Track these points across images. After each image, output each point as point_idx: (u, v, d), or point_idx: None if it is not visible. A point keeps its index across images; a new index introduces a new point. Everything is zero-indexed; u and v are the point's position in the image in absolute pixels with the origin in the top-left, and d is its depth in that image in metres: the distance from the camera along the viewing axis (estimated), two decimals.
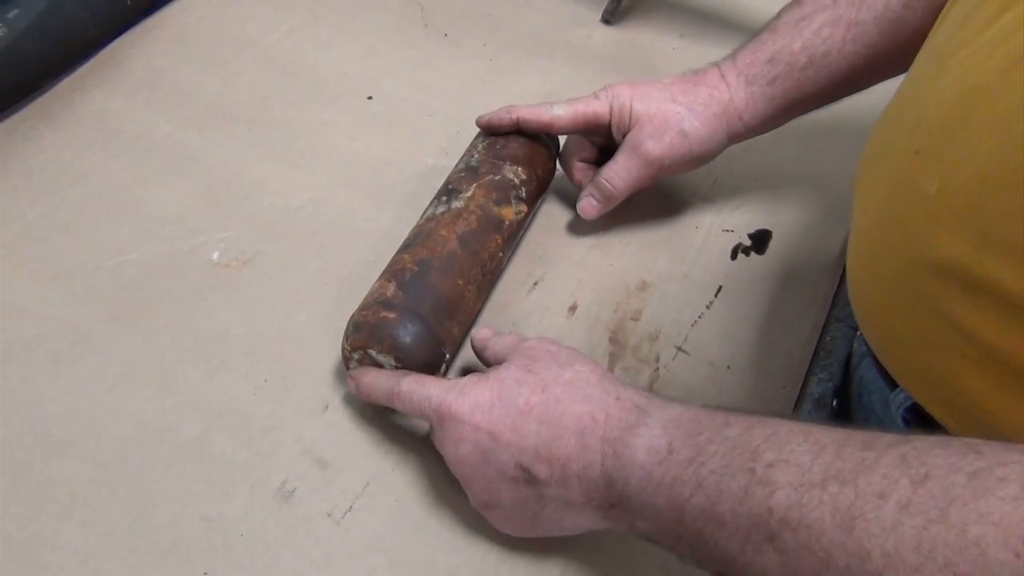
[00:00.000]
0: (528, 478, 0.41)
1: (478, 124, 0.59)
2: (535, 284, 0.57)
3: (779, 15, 0.56)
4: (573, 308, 0.56)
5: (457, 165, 0.57)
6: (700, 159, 0.57)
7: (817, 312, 0.57)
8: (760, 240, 0.61)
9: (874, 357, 0.47)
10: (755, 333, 0.56)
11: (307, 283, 0.56)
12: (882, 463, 0.30)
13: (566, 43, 0.76)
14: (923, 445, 0.30)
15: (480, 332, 0.50)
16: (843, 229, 0.62)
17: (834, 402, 0.52)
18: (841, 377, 0.54)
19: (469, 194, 0.53)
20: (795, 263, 0.59)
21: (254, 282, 0.56)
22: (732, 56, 0.57)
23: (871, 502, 0.29)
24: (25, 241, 0.57)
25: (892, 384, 0.46)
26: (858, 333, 0.56)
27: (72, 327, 0.53)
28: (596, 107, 0.56)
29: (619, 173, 0.56)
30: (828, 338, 0.56)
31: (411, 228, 0.54)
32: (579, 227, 0.61)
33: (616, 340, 0.55)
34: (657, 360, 0.54)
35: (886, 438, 0.31)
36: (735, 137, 0.57)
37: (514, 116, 0.57)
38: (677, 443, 0.37)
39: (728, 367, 0.54)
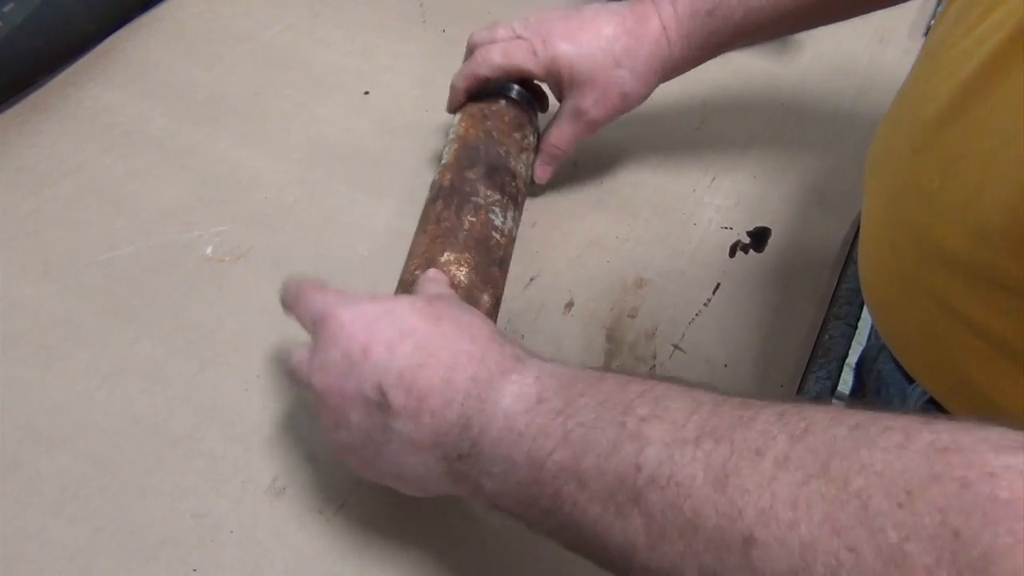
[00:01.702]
0: (382, 403, 0.37)
1: (448, 111, 0.61)
2: (531, 280, 0.57)
3: None
4: (569, 305, 0.56)
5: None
6: (631, 110, 0.58)
7: (816, 311, 0.56)
8: (759, 238, 0.60)
9: (891, 351, 0.47)
10: (753, 331, 0.55)
11: (301, 278, 0.56)
12: (759, 420, 0.29)
13: None
14: (803, 404, 0.29)
15: (432, 273, 0.47)
16: (842, 227, 0.61)
17: (833, 400, 0.52)
18: (839, 376, 0.53)
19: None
20: (794, 261, 0.59)
21: (248, 277, 0.56)
22: (671, 0, 0.55)
23: (747, 458, 0.27)
24: (18, 234, 0.57)
25: (909, 379, 0.45)
26: (872, 327, 0.56)
27: (64, 321, 0.53)
28: (530, 68, 0.56)
29: (565, 138, 0.58)
30: (827, 337, 0.55)
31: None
32: (575, 223, 0.61)
33: (613, 337, 0.54)
34: (654, 358, 0.53)
35: (763, 400, 0.30)
36: (663, 81, 0.58)
37: (459, 88, 0.58)
38: (548, 393, 0.35)
39: (725, 365, 0.53)
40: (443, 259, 0.48)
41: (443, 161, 0.56)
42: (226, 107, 0.67)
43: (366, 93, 0.69)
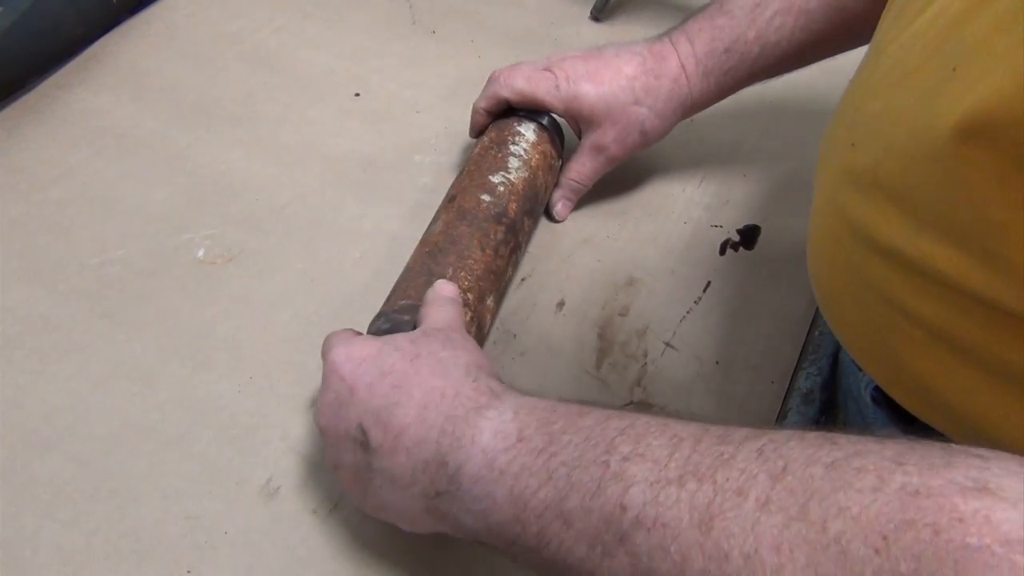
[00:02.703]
0: (363, 441, 0.38)
1: (471, 136, 0.61)
2: (522, 280, 0.57)
3: None
4: (561, 304, 0.56)
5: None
6: (652, 145, 0.59)
7: (805, 307, 0.57)
8: (749, 236, 0.61)
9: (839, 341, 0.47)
10: (743, 329, 0.55)
11: (293, 281, 0.56)
12: (739, 457, 0.29)
13: (554, 40, 0.76)
14: (779, 438, 0.29)
15: (445, 288, 0.47)
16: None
17: (823, 396, 0.52)
18: (830, 372, 0.54)
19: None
20: (784, 258, 0.59)
21: (239, 280, 0.56)
22: (688, 38, 0.56)
23: (730, 499, 0.28)
24: (8, 239, 0.57)
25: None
26: None
27: (56, 325, 0.53)
28: (550, 101, 0.57)
29: (586, 173, 0.59)
30: (816, 333, 0.55)
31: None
32: (566, 223, 0.61)
33: (604, 336, 0.54)
34: (645, 356, 0.53)
35: (742, 431, 0.30)
36: (682, 119, 0.59)
37: (479, 109, 0.59)
38: (528, 430, 0.35)
39: (717, 362, 0.53)
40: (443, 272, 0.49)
41: (463, 179, 0.56)
42: (216, 110, 0.67)
43: (356, 95, 0.69)
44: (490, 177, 0.54)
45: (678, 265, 0.59)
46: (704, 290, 0.57)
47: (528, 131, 0.58)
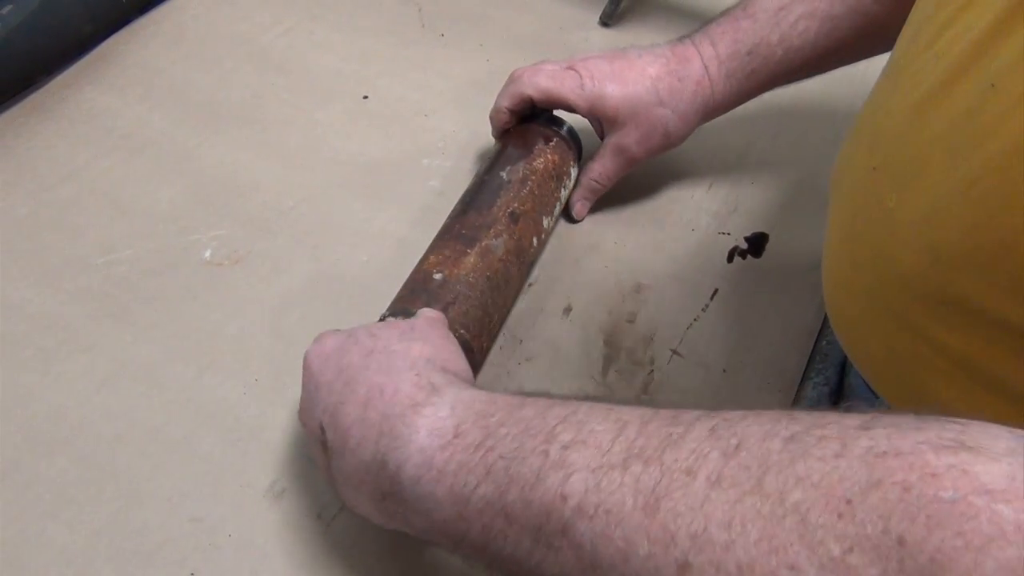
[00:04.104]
0: (323, 440, 0.38)
1: (495, 137, 0.61)
2: (529, 286, 0.57)
3: None
4: (568, 310, 0.56)
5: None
6: (674, 147, 0.59)
7: (813, 316, 0.57)
8: (756, 243, 0.61)
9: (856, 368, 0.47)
10: (751, 337, 0.55)
11: (300, 282, 0.56)
12: (690, 437, 0.27)
13: (563, 45, 0.75)
14: (733, 417, 0.28)
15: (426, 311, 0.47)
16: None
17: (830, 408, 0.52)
18: (837, 382, 0.54)
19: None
20: (791, 267, 0.59)
21: (246, 281, 0.56)
22: (711, 41, 0.56)
23: (678, 480, 0.26)
24: (16, 238, 0.57)
25: (876, 393, 0.46)
26: None
27: (62, 324, 0.52)
28: (574, 100, 0.56)
29: (607, 174, 0.59)
30: (824, 342, 0.55)
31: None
32: (574, 229, 0.61)
33: (611, 342, 0.54)
34: (652, 363, 0.53)
35: (694, 412, 0.29)
36: (705, 122, 0.59)
37: (502, 108, 0.59)
38: (466, 425, 0.34)
39: (724, 371, 0.53)
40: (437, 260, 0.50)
41: (526, 196, 0.55)
42: (225, 111, 0.67)
43: (365, 97, 0.69)
44: (543, 219, 0.55)
45: (685, 272, 0.58)
46: (711, 297, 0.57)
47: (574, 170, 0.59)
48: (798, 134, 0.68)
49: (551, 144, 0.58)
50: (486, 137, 0.62)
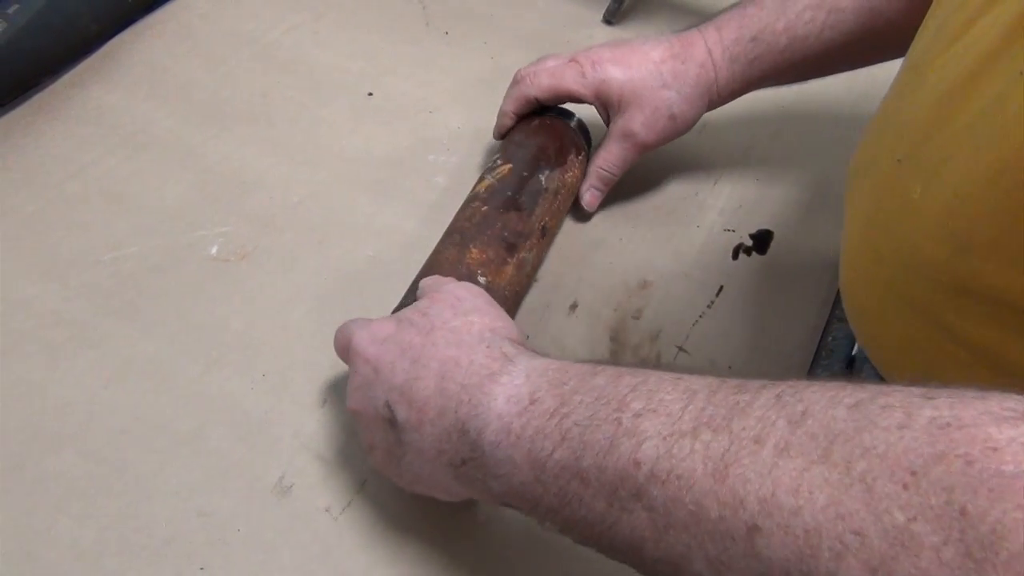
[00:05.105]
0: (391, 418, 0.39)
1: (496, 138, 0.61)
2: (536, 282, 0.57)
3: None
4: (574, 306, 0.56)
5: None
6: (681, 134, 0.59)
7: (818, 312, 0.57)
8: (762, 240, 0.61)
9: (871, 360, 0.47)
10: (756, 333, 0.55)
11: (305, 278, 0.56)
12: (756, 405, 0.28)
13: (567, 43, 0.76)
14: (799, 384, 0.29)
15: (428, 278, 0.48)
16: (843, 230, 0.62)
17: None
18: (843, 377, 0.54)
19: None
20: (796, 263, 0.59)
21: (252, 276, 0.56)
22: (717, 26, 0.56)
23: (746, 447, 0.27)
24: (23, 234, 0.57)
25: None
26: None
27: (69, 321, 0.53)
28: (579, 89, 0.57)
29: (614, 161, 0.58)
30: (830, 338, 0.55)
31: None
32: (580, 226, 0.61)
33: (617, 339, 0.54)
34: (658, 359, 0.53)
35: (759, 382, 0.30)
36: (710, 108, 0.59)
37: (507, 112, 0.59)
38: (540, 393, 0.35)
39: (729, 367, 0.53)
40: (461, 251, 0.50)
41: (485, 180, 0.55)
42: (230, 108, 0.67)
43: (370, 94, 0.69)
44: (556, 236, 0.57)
45: (691, 269, 0.59)
46: (717, 294, 0.57)
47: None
48: (802, 132, 0.69)
49: (579, 158, 0.58)
50: (490, 134, 0.62)
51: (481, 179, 0.55)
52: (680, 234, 0.61)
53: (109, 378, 0.50)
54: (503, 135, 0.60)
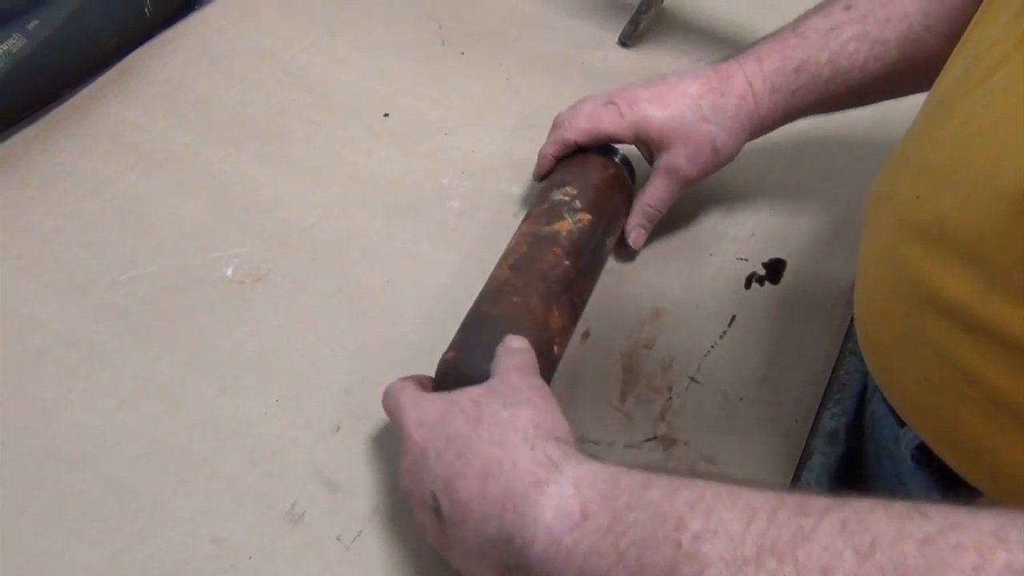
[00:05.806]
0: (436, 508, 0.39)
1: (536, 179, 0.61)
2: None
3: (806, 17, 0.56)
4: (586, 334, 0.56)
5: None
6: (723, 166, 0.58)
7: (830, 344, 0.57)
8: (774, 269, 0.61)
9: (883, 394, 0.47)
10: (768, 365, 0.55)
11: (320, 301, 0.56)
12: (821, 531, 0.28)
13: (582, 64, 0.76)
14: (863, 508, 0.28)
15: (513, 341, 0.46)
16: (857, 261, 0.62)
17: (848, 439, 0.52)
18: (855, 411, 0.54)
19: (519, 230, 0.54)
20: (809, 294, 0.59)
21: (267, 299, 0.56)
22: (757, 57, 0.56)
23: None
24: (40, 252, 0.57)
25: (901, 421, 0.46)
26: None
27: (85, 341, 0.53)
28: (617, 131, 0.57)
29: (661, 197, 0.58)
30: (842, 372, 0.55)
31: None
32: None
33: (629, 368, 0.54)
34: (670, 390, 0.53)
35: (821, 501, 0.29)
36: (751, 138, 0.58)
37: (548, 155, 0.59)
38: (592, 507, 0.34)
39: (741, 399, 0.53)
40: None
41: (565, 220, 0.54)
42: (247, 126, 0.67)
43: (386, 115, 0.69)
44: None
45: (704, 298, 0.59)
46: (729, 324, 0.57)
47: None
48: (817, 160, 0.69)
49: (626, 208, 0.59)
50: (505, 157, 0.62)
51: (559, 213, 0.54)
52: (693, 263, 0.61)
53: (123, 400, 0.50)
54: (543, 177, 0.60)
